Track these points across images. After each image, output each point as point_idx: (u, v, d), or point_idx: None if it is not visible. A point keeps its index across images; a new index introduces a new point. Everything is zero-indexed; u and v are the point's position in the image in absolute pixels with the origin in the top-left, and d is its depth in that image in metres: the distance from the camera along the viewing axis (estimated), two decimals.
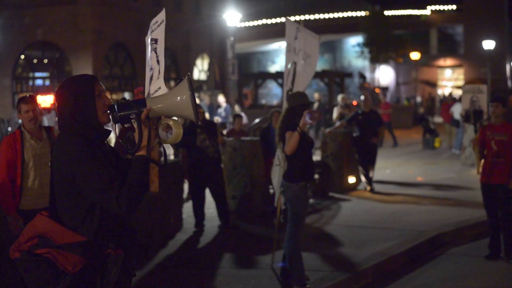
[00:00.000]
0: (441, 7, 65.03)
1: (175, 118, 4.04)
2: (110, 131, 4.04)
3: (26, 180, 6.58)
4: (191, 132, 10.88)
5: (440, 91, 62.30)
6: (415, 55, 53.91)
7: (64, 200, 3.91)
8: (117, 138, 10.94)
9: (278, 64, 70.61)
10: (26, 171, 6.58)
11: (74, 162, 3.78)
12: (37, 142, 6.68)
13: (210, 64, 44.60)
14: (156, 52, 5.20)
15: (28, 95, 6.85)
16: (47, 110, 23.05)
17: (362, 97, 15.69)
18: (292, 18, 63.78)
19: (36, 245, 3.80)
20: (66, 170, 3.82)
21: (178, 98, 3.85)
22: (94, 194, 3.78)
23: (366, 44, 54.74)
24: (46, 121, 19.39)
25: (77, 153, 3.78)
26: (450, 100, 26.89)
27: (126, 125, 3.89)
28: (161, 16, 5.34)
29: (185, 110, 3.84)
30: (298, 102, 7.78)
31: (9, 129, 18.87)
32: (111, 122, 3.93)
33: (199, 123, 4.11)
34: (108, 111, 3.92)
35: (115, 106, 3.89)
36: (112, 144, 15.06)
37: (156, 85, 5.06)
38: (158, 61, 5.11)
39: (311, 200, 12.56)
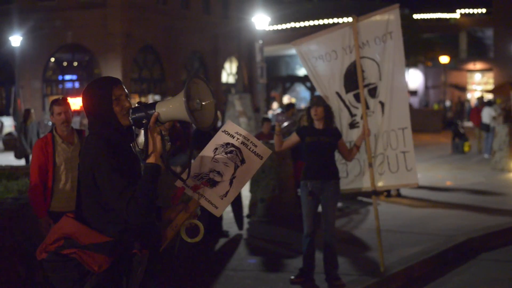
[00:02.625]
0: (471, 11, 64.63)
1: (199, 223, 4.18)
2: (134, 133, 4.04)
3: (57, 183, 6.62)
4: (207, 136, 10.83)
5: (469, 95, 61.84)
6: (444, 59, 53.61)
7: (89, 201, 3.94)
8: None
9: None
10: (58, 175, 6.62)
11: (95, 166, 3.82)
12: (68, 145, 6.71)
13: (238, 67, 44.70)
14: None
15: (61, 97, 6.89)
16: (77, 112, 23.27)
17: None
18: (320, 22, 63.86)
19: (62, 246, 3.84)
20: (89, 172, 3.86)
21: (177, 102, 3.81)
22: (108, 200, 3.82)
23: None
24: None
25: (98, 157, 3.81)
26: (480, 104, 26.72)
27: (140, 128, 3.89)
28: None
29: (181, 114, 3.80)
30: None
31: (40, 131, 18.98)
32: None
33: (202, 126, 3.97)
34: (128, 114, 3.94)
35: (130, 110, 3.93)
36: None
37: None
38: None
39: (339, 204, 12.55)
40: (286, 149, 8.96)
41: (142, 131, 3.89)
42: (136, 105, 3.93)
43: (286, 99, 41.88)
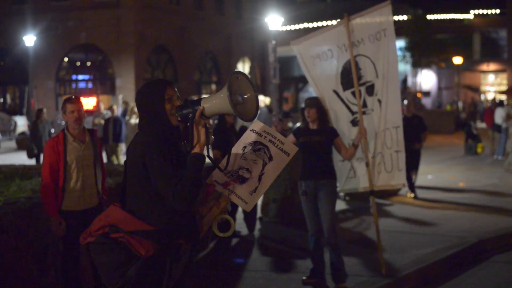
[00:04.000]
0: (484, 11, 64.41)
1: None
2: (180, 132, 4.36)
3: (68, 182, 6.63)
4: (225, 137, 10.84)
5: (482, 96, 61.63)
6: (457, 60, 53.44)
7: (136, 192, 4.22)
8: None
9: None
10: (69, 173, 6.63)
11: (146, 157, 4.11)
12: (80, 144, 6.72)
13: (251, 68, 44.66)
14: None
15: (73, 96, 6.92)
16: (89, 112, 23.35)
17: (405, 102, 15.53)
18: (334, 22, 63.63)
19: (107, 233, 4.13)
20: (140, 164, 4.15)
21: (221, 96, 4.10)
22: (158, 189, 4.10)
23: (408, 48, 54.50)
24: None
25: (150, 147, 4.11)
26: (493, 105, 26.62)
27: (188, 124, 4.16)
28: None
29: (225, 107, 4.09)
30: None
31: (52, 130, 19.07)
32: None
33: (252, 118, 4.28)
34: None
35: (178, 106, 4.26)
36: None
37: None
38: None
39: (349, 206, 12.51)
40: None
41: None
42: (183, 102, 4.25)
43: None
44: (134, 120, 17.52)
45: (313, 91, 8.97)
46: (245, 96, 4.24)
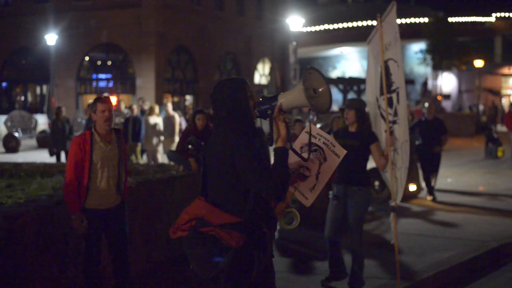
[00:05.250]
0: (506, 14, 63.98)
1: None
2: (259, 127, 4.58)
3: (93, 181, 6.66)
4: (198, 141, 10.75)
5: (504, 100, 61.25)
6: (478, 63, 53.16)
7: (222, 186, 4.45)
8: (180, 140, 11.01)
9: (339, 70, 70.45)
10: (94, 172, 6.67)
11: (235, 154, 4.33)
12: (106, 144, 6.75)
13: (271, 69, 44.71)
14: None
15: (104, 95, 6.96)
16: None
17: (426, 104, 15.47)
18: (354, 24, 63.71)
19: (195, 226, 4.40)
20: (228, 163, 4.37)
21: (297, 90, 4.37)
22: (249, 183, 4.34)
23: (429, 50, 54.28)
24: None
25: (239, 146, 4.34)
26: None
27: (266, 119, 4.43)
28: None
29: (300, 101, 4.35)
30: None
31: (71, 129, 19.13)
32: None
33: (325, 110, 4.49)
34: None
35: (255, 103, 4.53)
36: (174, 147, 15.18)
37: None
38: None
39: (370, 208, 12.47)
40: None
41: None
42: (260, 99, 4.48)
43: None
44: (153, 119, 17.56)
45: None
46: (320, 90, 4.46)
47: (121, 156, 6.89)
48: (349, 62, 70.96)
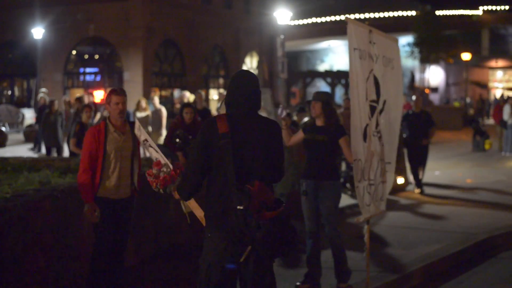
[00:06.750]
0: (493, 7, 64.12)
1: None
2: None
3: (106, 172, 6.76)
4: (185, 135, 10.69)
5: (498, 93, 61.40)
6: (466, 56, 53.27)
7: (268, 169, 5.11)
8: (167, 134, 11.02)
9: (327, 63, 70.47)
10: (107, 162, 6.77)
11: (276, 141, 5.19)
12: (120, 135, 6.85)
13: (259, 62, 44.61)
14: None
15: (118, 88, 7.03)
16: (98, 105, 23.34)
17: (414, 97, 15.50)
18: (342, 17, 63.60)
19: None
20: (273, 148, 5.16)
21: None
22: (281, 165, 5.25)
23: (416, 44, 54.36)
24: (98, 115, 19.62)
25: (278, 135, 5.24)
26: (502, 102, 26.56)
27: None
28: None
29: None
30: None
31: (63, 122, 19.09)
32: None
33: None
34: None
35: None
36: (161, 142, 15.15)
37: None
38: None
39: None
40: (294, 145, 8.57)
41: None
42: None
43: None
44: (141, 114, 17.57)
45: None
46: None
47: (135, 148, 6.98)
48: (337, 55, 70.88)
